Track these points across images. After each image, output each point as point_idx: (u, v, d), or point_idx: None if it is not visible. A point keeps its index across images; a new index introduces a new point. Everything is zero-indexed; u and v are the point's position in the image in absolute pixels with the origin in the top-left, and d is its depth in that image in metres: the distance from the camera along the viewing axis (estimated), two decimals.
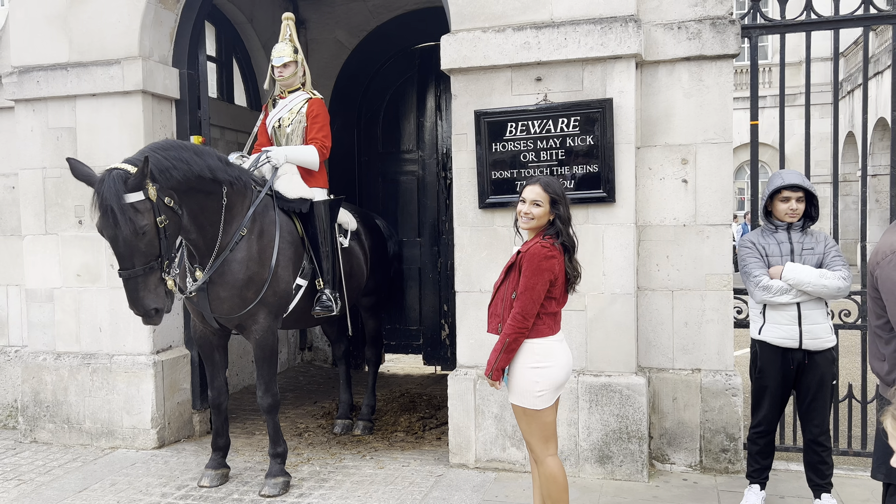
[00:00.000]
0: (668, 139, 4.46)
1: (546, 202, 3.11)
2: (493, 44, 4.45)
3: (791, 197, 3.68)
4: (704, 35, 4.33)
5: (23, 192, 5.42)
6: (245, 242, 4.25)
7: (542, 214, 3.12)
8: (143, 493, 4.33)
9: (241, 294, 4.22)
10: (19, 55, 5.36)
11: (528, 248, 3.09)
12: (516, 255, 3.14)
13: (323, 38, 7.69)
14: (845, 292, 3.60)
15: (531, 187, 3.15)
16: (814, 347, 3.63)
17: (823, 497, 3.70)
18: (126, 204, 3.53)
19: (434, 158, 7.31)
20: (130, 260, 3.62)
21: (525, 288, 3.03)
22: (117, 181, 3.53)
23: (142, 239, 3.59)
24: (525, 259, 3.06)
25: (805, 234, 3.69)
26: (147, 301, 3.67)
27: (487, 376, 3.11)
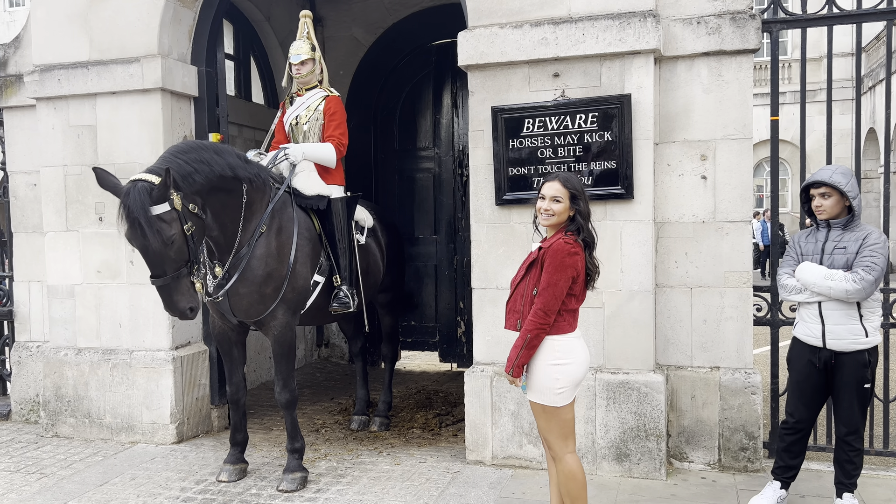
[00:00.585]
0: (686, 135, 4.42)
1: (566, 198, 3.09)
2: (511, 40, 4.43)
3: (814, 194, 3.64)
4: (724, 30, 4.28)
5: (44, 190, 5.49)
6: (264, 239, 4.27)
7: (563, 210, 3.10)
8: (163, 488, 4.37)
9: (259, 290, 4.25)
10: (41, 54, 5.42)
11: (550, 244, 3.07)
12: (537, 252, 3.12)
13: (340, 35, 7.70)
14: (857, 296, 3.46)
15: (550, 184, 3.13)
16: (838, 348, 3.57)
17: (845, 496, 3.66)
18: (153, 216, 3.58)
19: (450, 155, 7.30)
20: (161, 268, 3.69)
21: (548, 284, 3.01)
22: (142, 193, 3.57)
23: (171, 248, 3.65)
24: (548, 255, 3.04)
25: (846, 232, 3.57)
26: (182, 303, 3.76)
27: (508, 373, 3.09)
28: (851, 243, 3.55)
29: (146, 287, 5.23)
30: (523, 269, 3.17)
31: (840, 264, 3.55)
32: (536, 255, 3.11)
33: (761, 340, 5.38)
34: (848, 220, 3.59)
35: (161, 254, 3.64)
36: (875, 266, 3.45)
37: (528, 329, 3.04)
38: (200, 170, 3.85)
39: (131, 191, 3.59)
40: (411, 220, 7.43)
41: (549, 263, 3.02)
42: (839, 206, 3.59)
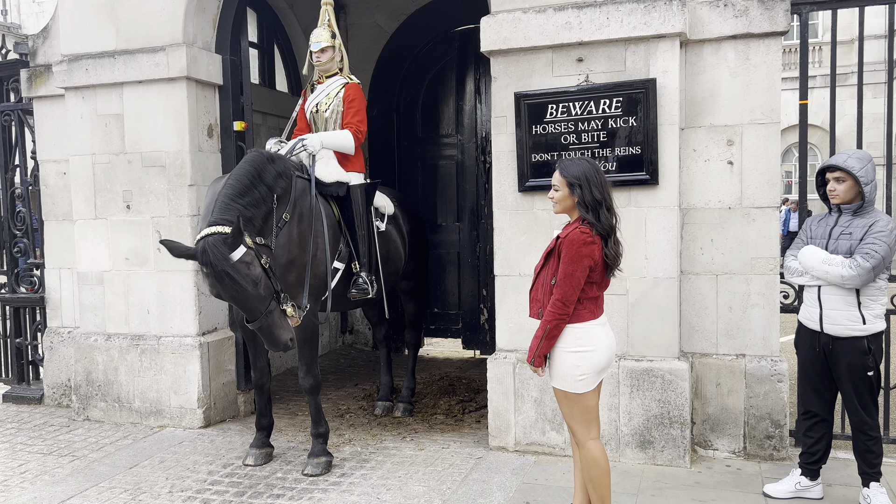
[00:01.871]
0: (713, 120, 4.36)
1: (563, 185, 3.09)
2: (534, 24, 4.40)
3: (829, 178, 3.59)
4: (752, 12, 4.21)
5: (73, 178, 5.58)
6: (287, 227, 4.32)
7: (562, 198, 3.11)
8: (191, 471, 4.45)
9: (283, 277, 4.29)
10: (68, 43, 5.49)
11: (566, 233, 3.07)
12: (555, 241, 3.12)
13: (362, 22, 7.69)
14: (853, 282, 3.43)
15: (554, 173, 3.16)
16: (835, 333, 3.55)
17: (871, 486, 3.62)
18: (236, 263, 3.66)
19: (473, 142, 7.28)
20: (257, 310, 3.78)
21: (564, 275, 3.01)
22: (219, 245, 3.66)
23: (260, 286, 3.74)
24: (564, 245, 3.04)
25: (856, 218, 3.53)
26: (284, 336, 3.86)
27: (529, 363, 3.11)
28: (858, 229, 3.50)
29: (173, 274, 5.32)
30: (544, 257, 3.18)
31: (843, 250, 3.50)
32: (554, 244, 3.11)
33: (788, 328, 5.31)
34: (858, 207, 3.53)
35: (254, 296, 3.73)
36: (875, 254, 3.39)
37: (547, 319, 3.05)
38: (256, 212, 3.99)
39: (206, 247, 3.67)
40: (434, 207, 7.43)
41: (566, 254, 3.02)
42: (853, 192, 3.53)
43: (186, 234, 5.25)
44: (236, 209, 3.85)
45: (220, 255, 3.63)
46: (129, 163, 5.38)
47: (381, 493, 4.01)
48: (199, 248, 3.71)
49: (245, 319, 3.91)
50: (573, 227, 3.07)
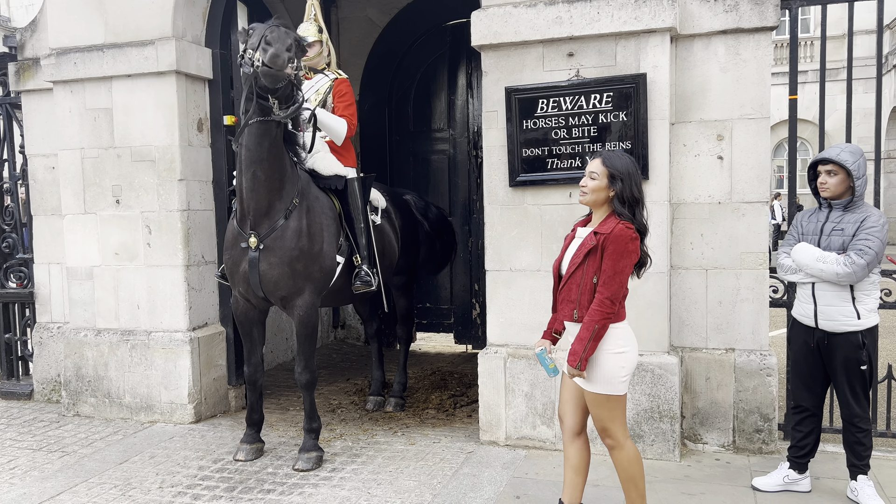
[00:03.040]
0: (703, 115, 4.37)
1: (603, 176, 2.97)
2: (525, 19, 4.39)
3: (821, 170, 3.59)
4: (742, 7, 4.21)
5: (62, 173, 5.54)
6: (297, 213, 4.31)
7: (597, 188, 2.99)
8: (181, 466, 4.44)
9: (291, 265, 4.27)
10: (57, 37, 5.45)
11: (611, 229, 2.93)
12: (594, 237, 2.97)
13: (354, 16, 7.67)
14: (848, 279, 3.44)
15: (592, 161, 3.04)
16: (830, 329, 3.56)
17: (859, 478, 3.65)
18: (296, 36, 4.03)
19: (465, 137, 7.27)
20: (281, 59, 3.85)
21: (614, 272, 2.90)
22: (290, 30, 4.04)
23: (293, 58, 3.91)
24: (610, 241, 2.91)
25: (847, 213, 3.53)
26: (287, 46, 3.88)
27: (574, 367, 2.96)
28: (849, 225, 3.50)
29: (163, 269, 5.30)
30: (579, 256, 3.01)
31: (836, 246, 3.51)
32: (595, 241, 2.96)
33: (778, 322, 5.34)
34: (849, 201, 3.53)
35: (285, 51, 3.85)
36: (868, 250, 3.40)
37: (594, 320, 2.92)
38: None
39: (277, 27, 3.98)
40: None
41: (613, 250, 2.90)
42: (843, 186, 3.53)
43: (177, 229, 5.23)
44: None
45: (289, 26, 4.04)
46: (118, 157, 5.35)
47: (371, 488, 4.01)
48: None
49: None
50: (615, 223, 2.95)
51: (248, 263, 4.29)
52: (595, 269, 2.95)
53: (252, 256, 4.26)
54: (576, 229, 3.19)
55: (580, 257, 3.00)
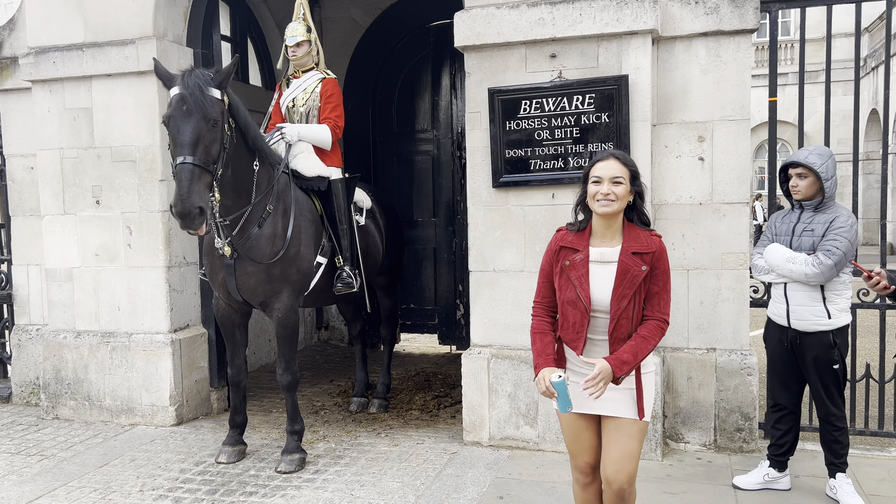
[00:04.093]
0: (684, 116, 4.40)
1: (627, 179, 2.63)
2: (507, 20, 4.40)
3: (792, 174, 3.65)
4: (722, 10, 4.25)
5: (41, 173, 5.48)
6: (272, 219, 4.30)
7: (625, 194, 2.63)
8: (162, 469, 4.41)
9: (267, 270, 4.26)
10: (35, 36, 5.38)
11: (650, 246, 2.61)
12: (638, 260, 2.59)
13: (337, 16, 7.64)
14: (816, 279, 3.48)
15: (606, 163, 2.64)
16: (801, 328, 3.60)
17: (838, 476, 3.69)
18: (207, 94, 3.73)
19: (449, 138, 7.27)
20: (192, 148, 3.67)
21: (666, 290, 2.64)
22: (204, 75, 3.80)
23: (210, 131, 3.73)
24: (657, 260, 2.61)
25: (817, 213, 3.59)
26: (194, 197, 3.63)
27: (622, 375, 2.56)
28: (819, 226, 3.56)
29: (144, 270, 5.25)
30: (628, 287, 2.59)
31: (807, 246, 3.57)
32: (646, 265, 2.59)
33: (759, 322, 5.38)
34: (819, 202, 3.59)
35: (199, 131, 3.68)
36: (836, 250, 3.45)
37: (654, 338, 2.61)
38: (241, 108, 4.05)
39: (193, 70, 3.82)
40: (410, 202, 7.41)
41: (663, 269, 2.63)
42: (814, 188, 3.59)
43: (157, 229, 5.19)
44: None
45: (199, 80, 3.75)
46: (98, 157, 5.30)
47: (354, 490, 4.00)
48: (181, 73, 3.84)
49: (173, 155, 3.72)
50: (647, 237, 2.65)
51: (225, 271, 4.29)
52: (643, 293, 2.63)
53: (228, 264, 4.26)
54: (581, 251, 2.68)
55: (630, 289, 2.59)
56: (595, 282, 2.63)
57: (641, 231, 2.65)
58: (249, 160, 4.17)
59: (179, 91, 3.72)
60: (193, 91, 3.68)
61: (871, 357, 5.24)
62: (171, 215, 5.07)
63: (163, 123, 3.84)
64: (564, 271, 2.67)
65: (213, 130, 3.73)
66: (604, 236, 2.67)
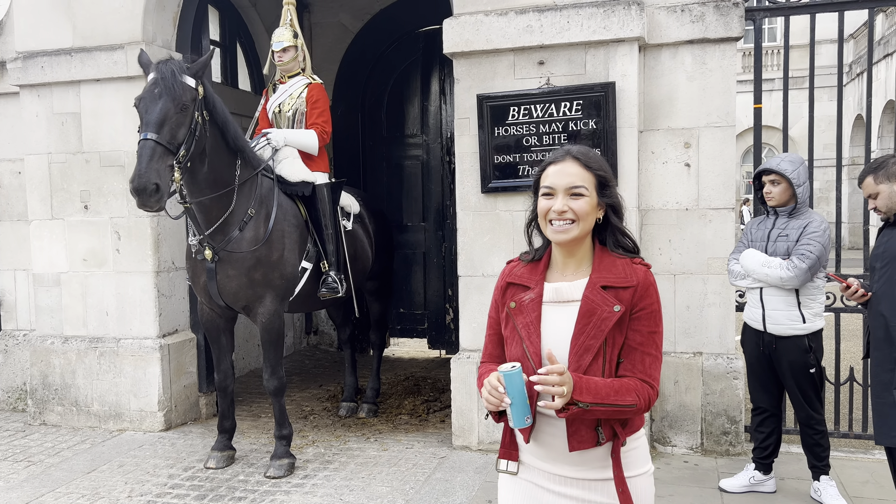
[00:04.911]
0: (670, 123, 4.45)
1: (592, 187, 1.82)
2: (496, 27, 4.43)
3: (765, 181, 3.71)
4: (708, 18, 4.30)
5: (29, 178, 5.46)
6: (253, 223, 4.31)
7: (590, 210, 1.82)
8: (151, 475, 4.40)
9: (248, 275, 4.27)
10: (23, 40, 5.37)
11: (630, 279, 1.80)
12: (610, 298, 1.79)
13: (327, 21, 7.66)
14: (791, 283, 3.53)
15: (561, 166, 1.83)
16: (777, 332, 3.65)
17: (822, 479, 3.73)
18: (180, 80, 3.79)
19: (438, 143, 7.30)
20: (158, 126, 3.70)
21: (653, 343, 1.81)
22: (180, 63, 3.91)
23: (178, 114, 3.77)
24: (640, 297, 1.80)
25: (791, 219, 3.65)
26: (151, 174, 3.62)
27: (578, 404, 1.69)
28: (793, 231, 3.62)
29: (133, 275, 5.24)
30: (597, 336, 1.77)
31: (782, 251, 3.62)
32: (620, 306, 1.78)
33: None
34: (793, 208, 3.66)
35: (166, 112, 3.72)
36: (810, 254, 3.51)
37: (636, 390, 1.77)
38: (218, 102, 4.08)
39: (169, 60, 3.90)
40: (399, 207, 7.43)
41: (649, 311, 1.80)
42: (787, 194, 3.65)
43: (146, 234, 5.19)
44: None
45: (173, 67, 3.82)
46: (86, 162, 5.29)
47: (344, 495, 4.01)
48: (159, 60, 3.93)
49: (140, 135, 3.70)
50: (626, 266, 1.83)
51: (207, 275, 4.30)
52: (618, 344, 1.80)
53: (209, 268, 4.26)
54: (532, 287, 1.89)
55: (597, 338, 1.77)
56: (549, 330, 1.82)
57: (619, 258, 1.84)
58: (231, 160, 4.19)
59: (154, 76, 3.80)
60: (166, 75, 3.76)
61: (854, 360, 5.31)
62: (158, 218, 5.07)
63: (134, 107, 3.86)
64: (510, 317, 1.89)
65: (181, 114, 3.77)
66: (565, 267, 1.88)
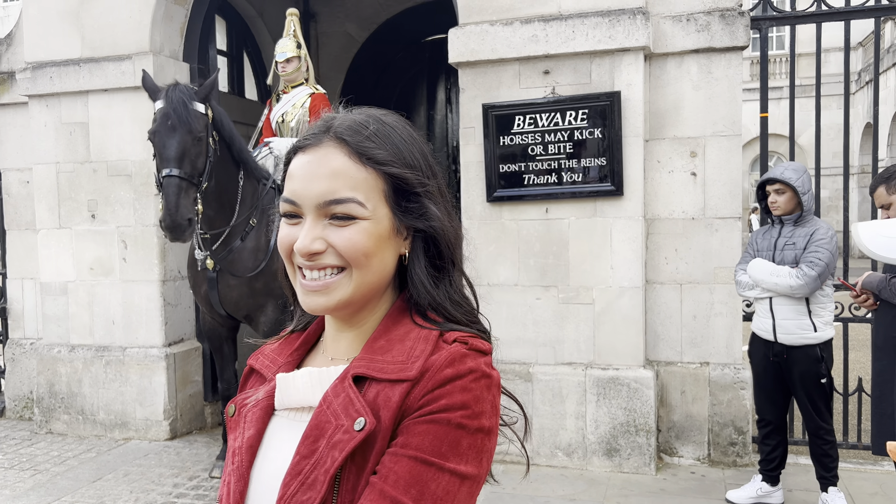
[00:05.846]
0: (676, 132, 4.44)
1: (377, 196, 1.00)
2: (501, 37, 4.44)
3: (770, 190, 3.69)
4: (713, 27, 4.30)
5: (37, 187, 5.49)
6: (255, 233, 4.33)
7: (375, 246, 1.00)
8: (156, 484, 4.39)
9: (249, 283, 4.28)
10: (33, 51, 5.41)
11: (422, 367, 0.94)
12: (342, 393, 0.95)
13: (333, 31, 7.70)
14: (801, 291, 3.51)
15: (312, 154, 1.05)
16: (788, 342, 3.63)
17: (830, 490, 3.70)
18: (192, 108, 3.77)
19: (444, 151, 7.32)
20: (179, 162, 3.73)
21: (425, 489, 0.90)
22: (188, 89, 3.83)
23: (195, 145, 3.78)
24: (428, 392, 0.93)
25: (797, 227, 3.63)
26: (183, 210, 3.73)
27: None
28: (800, 239, 3.60)
29: (139, 284, 5.25)
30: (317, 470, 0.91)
31: (789, 260, 3.60)
32: (365, 418, 0.91)
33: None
34: (799, 217, 3.64)
35: (184, 145, 3.74)
36: (819, 261, 3.49)
37: None
38: (225, 119, 4.07)
39: (177, 86, 3.84)
40: None
41: (433, 423, 0.92)
42: (793, 202, 3.63)
43: (153, 243, 5.20)
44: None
45: (184, 95, 3.79)
46: (94, 172, 5.32)
47: None
48: (166, 87, 3.87)
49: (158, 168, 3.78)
50: (429, 338, 0.98)
51: (208, 284, 4.32)
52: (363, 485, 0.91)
53: (210, 277, 4.29)
54: (269, 380, 1.09)
55: (320, 486, 0.90)
56: (266, 467, 1.02)
57: (418, 329, 1.01)
58: (234, 172, 4.22)
59: (164, 106, 3.78)
60: (177, 106, 3.74)
61: (863, 371, 5.26)
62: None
63: (148, 139, 3.88)
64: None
65: (198, 144, 3.79)
66: (336, 343, 1.08)
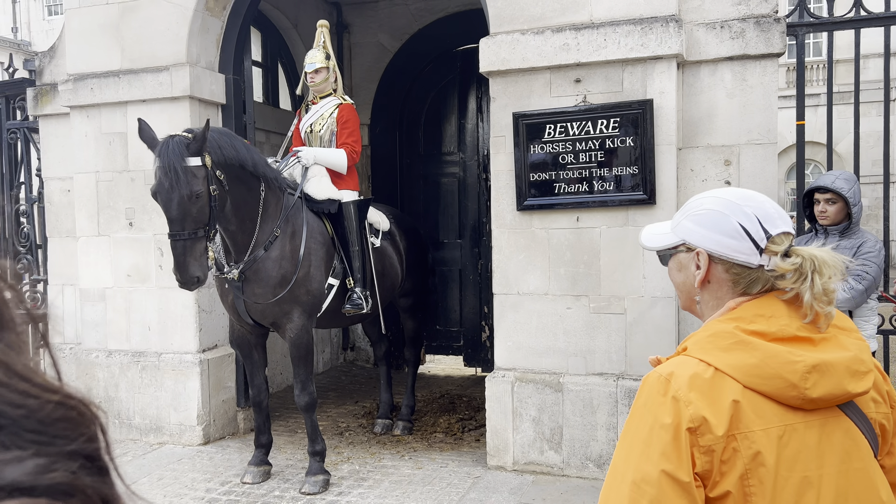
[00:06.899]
0: (710, 140, 4.39)
1: None
2: (532, 46, 4.44)
3: (820, 199, 3.61)
4: (748, 34, 4.24)
5: (77, 195, 5.63)
6: (279, 242, 4.38)
7: None
8: (189, 488, 4.45)
9: (274, 292, 4.33)
10: (74, 63, 5.56)
11: None
12: None
13: (366, 41, 7.77)
14: (847, 305, 3.42)
15: None
16: None
17: None
18: (187, 167, 3.79)
19: (475, 160, 7.32)
20: (181, 223, 3.83)
21: None
22: (180, 145, 3.83)
23: (195, 203, 3.82)
24: None
25: (844, 239, 3.55)
26: (192, 268, 3.86)
27: None
28: (846, 251, 3.49)
29: (174, 291, 5.33)
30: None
31: None
32: None
33: None
34: (845, 227, 3.56)
35: (185, 207, 3.81)
36: (866, 275, 3.42)
37: None
38: (227, 149, 4.07)
39: (169, 142, 3.84)
40: (436, 224, 7.46)
41: None
42: (842, 213, 3.56)
43: None
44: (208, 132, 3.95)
45: (176, 152, 3.79)
46: (132, 181, 5.44)
47: None
48: (162, 141, 3.89)
49: (169, 233, 3.89)
50: None
51: (234, 293, 4.39)
52: None
53: (236, 286, 4.35)
54: None
55: None
56: None
57: None
58: (254, 185, 4.27)
59: (160, 164, 3.85)
60: (173, 165, 3.78)
61: None
62: None
63: (152, 197, 3.98)
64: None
65: (197, 201, 3.85)
66: None
